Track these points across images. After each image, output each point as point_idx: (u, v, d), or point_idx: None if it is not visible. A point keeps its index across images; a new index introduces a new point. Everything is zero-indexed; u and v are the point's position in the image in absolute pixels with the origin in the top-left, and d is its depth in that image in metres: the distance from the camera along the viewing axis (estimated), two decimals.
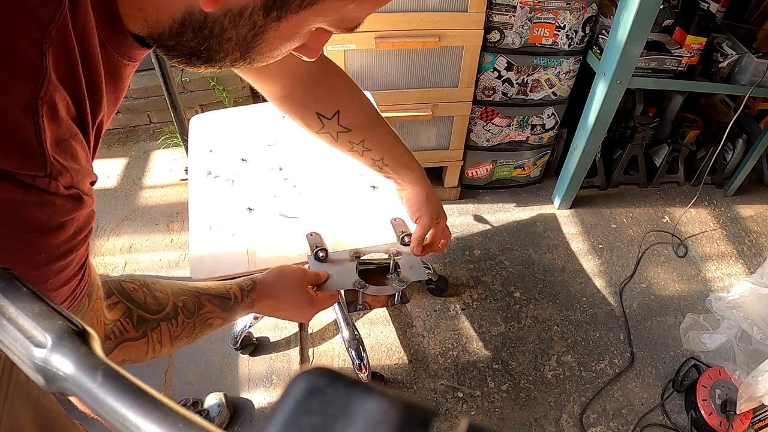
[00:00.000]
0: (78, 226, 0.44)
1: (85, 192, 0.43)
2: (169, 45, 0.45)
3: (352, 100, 0.86)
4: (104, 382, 0.28)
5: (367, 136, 0.87)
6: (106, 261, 1.78)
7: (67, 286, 0.45)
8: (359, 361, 1.39)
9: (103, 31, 0.44)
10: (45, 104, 0.37)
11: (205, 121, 1.32)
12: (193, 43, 0.44)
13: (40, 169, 0.38)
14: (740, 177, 2.10)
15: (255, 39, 0.45)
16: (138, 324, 0.59)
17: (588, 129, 1.74)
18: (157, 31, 0.44)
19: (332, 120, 0.84)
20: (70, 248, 0.43)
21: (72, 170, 0.41)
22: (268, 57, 0.49)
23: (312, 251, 0.95)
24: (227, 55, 0.46)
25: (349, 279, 0.92)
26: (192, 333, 0.66)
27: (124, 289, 0.60)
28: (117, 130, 2.29)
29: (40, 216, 0.39)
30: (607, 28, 1.63)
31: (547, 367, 1.57)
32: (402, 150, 0.93)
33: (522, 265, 1.84)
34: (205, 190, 1.14)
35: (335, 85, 0.85)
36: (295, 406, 0.19)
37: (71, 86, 0.40)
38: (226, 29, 0.43)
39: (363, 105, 0.88)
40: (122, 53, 0.47)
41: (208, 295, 0.69)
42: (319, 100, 0.83)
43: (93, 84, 0.43)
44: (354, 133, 0.86)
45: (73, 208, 0.42)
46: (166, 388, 1.46)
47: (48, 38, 0.37)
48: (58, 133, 0.39)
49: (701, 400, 1.44)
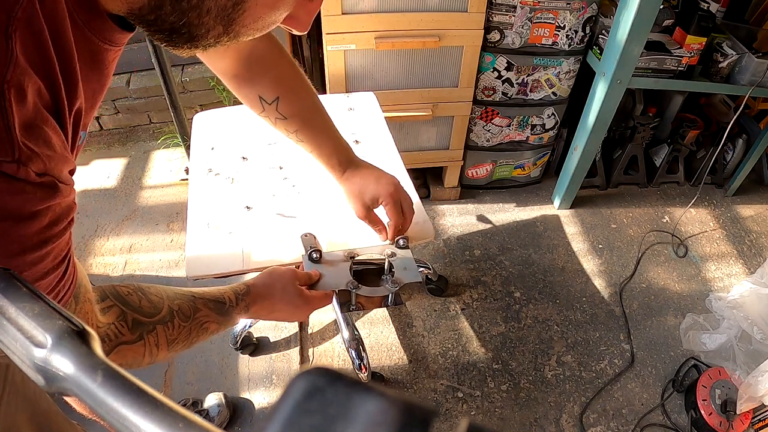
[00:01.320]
0: (54, 216, 0.42)
1: (61, 180, 0.42)
2: (150, 20, 0.44)
3: (293, 89, 0.87)
4: (104, 382, 0.28)
5: (301, 127, 0.89)
6: (106, 261, 1.78)
7: (45, 279, 0.44)
8: (359, 361, 1.39)
9: (79, 14, 0.42)
10: (12, 88, 0.36)
11: (207, 118, 1.32)
12: (173, 18, 0.43)
13: (7, 153, 0.37)
14: (740, 177, 2.10)
15: (236, 9, 0.44)
16: (133, 327, 0.59)
17: (588, 129, 1.74)
18: (137, 5, 0.43)
19: (271, 105, 0.85)
20: (45, 239, 0.42)
21: (45, 156, 0.39)
22: (253, 29, 0.48)
23: (306, 252, 0.95)
24: (209, 31, 0.45)
25: (343, 279, 0.92)
26: (188, 337, 0.66)
27: (118, 293, 0.59)
28: (117, 130, 2.29)
29: (11, 203, 0.38)
30: (607, 28, 1.63)
31: (547, 367, 1.57)
32: (334, 147, 0.93)
33: (522, 265, 1.84)
34: (205, 187, 1.14)
35: (281, 72, 0.86)
36: (295, 406, 0.19)
37: (43, 71, 0.39)
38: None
39: (304, 96, 0.89)
40: (102, 37, 0.46)
41: (203, 299, 0.69)
42: (263, 84, 0.84)
43: (67, 69, 0.42)
44: (289, 121, 0.88)
45: (46, 196, 0.40)
46: (166, 388, 1.46)
47: (14, 20, 0.36)
48: (27, 117, 0.38)
49: (701, 400, 1.44)
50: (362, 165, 0.96)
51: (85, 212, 1.93)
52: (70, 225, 0.45)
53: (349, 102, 1.38)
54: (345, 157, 0.95)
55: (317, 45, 1.80)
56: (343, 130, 1.28)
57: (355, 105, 1.37)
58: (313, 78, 1.92)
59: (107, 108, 2.21)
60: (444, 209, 2.02)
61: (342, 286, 0.91)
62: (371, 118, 1.33)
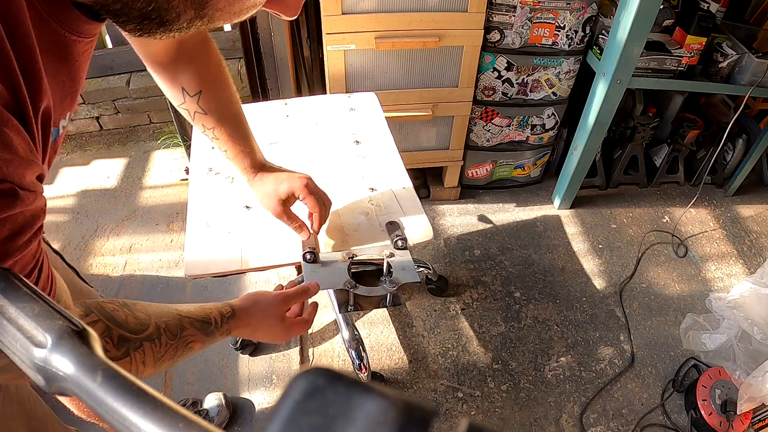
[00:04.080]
0: (15, 227, 0.39)
1: (23, 186, 0.38)
2: (117, 9, 0.42)
3: (217, 86, 0.87)
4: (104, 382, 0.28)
5: (218, 125, 0.89)
6: (106, 261, 1.78)
7: None
8: (359, 361, 1.39)
9: (43, 6, 0.40)
10: None
11: None
12: (140, 4, 0.41)
13: None
14: (740, 177, 2.10)
15: None
16: (119, 343, 0.57)
17: (588, 129, 1.74)
18: None
19: (193, 98, 0.86)
20: (4, 253, 0.38)
21: (2, 161, 0.36)
22: (229, 13, 0.46)
23: (303, 252, 0.95)
24: (180, 15, 0.43)
25: (341, 279, 0.92)
26: (174, 356, 0.65)
27: (103, 309, 0.57)
28: (117, 130, 2.29)
29: None
30: (607, 28, 1.63)
31: (547, 367, 1.57)
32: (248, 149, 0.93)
33: (522, 265, 1.84)
34: (205, 186, 1.14)
35: (207, 67, 0.86)
36: (295, 406, 0.19)
37: (0, 69, 0.37)
38: None
39: (226, 95, 0.89)
40: (69, 29, 0.44)
41: (190, 319, 0.68)
42: (187, 75, 0.84)
43: (28, 65, 0.39)
44: (208, 117, 0.88)
45: (4, 205, 0.37)
46: (165, 388, 1.46)
47: None
48: None
49: (701, 400, 1.44)
50: (274, 168, 0.97)
51: (85, 212, 1.93)
52: (36, 236, 0.42)
53: (350, 102, 1.38)
54: (258, 161, 0.95)
55: (317, 45, 1.80)
56: (343, 130, 1.30)
57: (356, 105, 1.37)
58: (313, 78, 1.92)
59: (107, 108, 2.21)
60: (444, 209, 2.02)
61: (340, 285, 0.91)
62: (372, 119, 1.33)
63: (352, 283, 0.91)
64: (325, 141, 1.27)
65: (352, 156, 1.22)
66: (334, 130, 1.29)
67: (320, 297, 1.69)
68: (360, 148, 1.24)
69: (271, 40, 1.70)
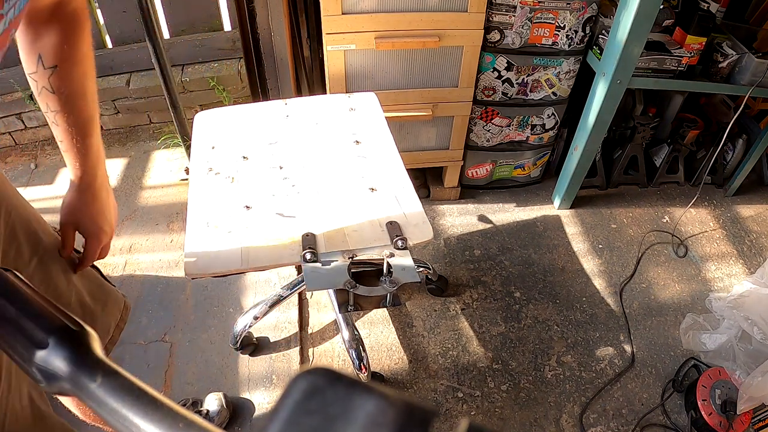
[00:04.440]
0: None
1: None
2: None
3: (74, 68, 0.78)
4: (104, 382, 0.28)
5: (61, 111, 0.79)
6: (106, 261, 1.77)
7: None
8: (359, 361, 1.39)
9: None
10: None
11: (208, 117, 1.32)
12: None
13: None
14: (740, 177, 2.10)
15: None
16: None
17: (588, 129, 1.74)
18: None
19: (46, 71, 0.77)
20: None
21: None
22: None
23: (302, 251, 0.95)
24: None
25: (341, 279, 0.92)
26: None
27: None
28: (117, 130, 2.29)
29: None
30: (607, 28, 1.63)
31: (547, 367, 1.57)
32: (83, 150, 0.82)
33: (522, 265, 1.84)
34: (205, 186, 1.14)
35: (73, 44, 0.77)
36: (295, 406, 0.19)
37: None
38: None
39: (79, 80, 0.80)
40: None
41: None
42: (50, 42, 0.75)
43: None
44: (54, 98, 0.78)
45: None
46: (166, 388, 1.46)
47: None
48: None
49: (701, 400, 1.44)
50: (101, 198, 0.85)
51: None
52: None
53: (350, 102, 1.38)
54: (90, 176, 0.83)
55: (317, 45, 1.80)
56: (343, 130, 1.30)
57: (356, 105, 1.37)
58: (313, 78, 1.92)
59: (107, 108, 2.21)
60: (444, 209, 2.02)
61: (340, 285, 0.91)
62: (372, 119, 1.33)
63: (352, 283, 0.91)
64: (325, 141, 1.27)
65: (352, 156, 1.22)
66: (334, 130, 1.29)
67: (320, 297, 1.69)
68: (360, 148, 1.24)
69: (271, 40, 1.70)
